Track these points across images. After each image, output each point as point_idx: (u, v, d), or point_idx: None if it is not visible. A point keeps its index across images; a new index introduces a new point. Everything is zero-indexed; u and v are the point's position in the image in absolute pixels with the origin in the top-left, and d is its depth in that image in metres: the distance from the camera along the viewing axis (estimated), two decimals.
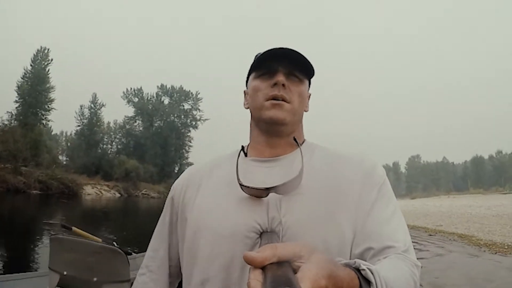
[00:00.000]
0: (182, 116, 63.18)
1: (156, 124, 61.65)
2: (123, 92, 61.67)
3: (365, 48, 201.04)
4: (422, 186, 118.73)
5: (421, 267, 0.66)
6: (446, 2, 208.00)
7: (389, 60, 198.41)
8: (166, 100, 64.04)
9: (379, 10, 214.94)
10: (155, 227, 0.88)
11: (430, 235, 11.55)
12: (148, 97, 62.93)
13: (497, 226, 12.46)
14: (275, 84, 0.75)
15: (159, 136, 59.15)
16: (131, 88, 62.32)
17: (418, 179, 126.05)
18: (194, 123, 63.56)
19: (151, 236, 0.88)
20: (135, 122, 61.44)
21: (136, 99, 61.66)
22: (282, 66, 0.76)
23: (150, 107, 61.63)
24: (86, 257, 1.50)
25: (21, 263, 6.20)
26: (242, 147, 0.84)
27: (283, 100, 0.75)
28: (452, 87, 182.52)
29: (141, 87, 62.88)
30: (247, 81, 0.85)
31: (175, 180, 0.88)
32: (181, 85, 64.87)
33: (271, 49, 0.76)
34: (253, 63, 0.80)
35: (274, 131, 0.78)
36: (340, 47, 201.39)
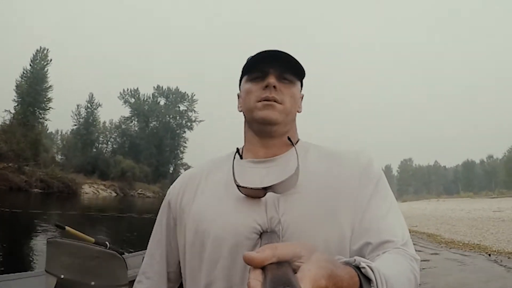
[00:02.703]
0: (178, 117, 63.61)
1: (151, 125, 62.07)
2: (120, 93, 62.29)
3: (357, 54, 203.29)
4: (413, 190, 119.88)
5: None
6: (430, 8, 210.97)
7: (382, 66, 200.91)
8: (162, 101, 64.53)
9: (372, 18, 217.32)
10: (151, 228, 0.86)
11: None
12: (144, 98, 63.42)
13: (465, 227, 13.71)
14: (267, 86, 0.75)
15: (154, 137, 59.60)
16: (127, 89, 62.95)
17: (409, 182, 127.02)
18: (189, 124, 64.14)
19: (147, 236, 0.87)
20: (131, 122, 61.87)
21: (132, 100, 62.05)
22: (273, 69, 0.76)
23: (146, 108, 62.04)
24: (84, 261, 1.50)
25: (17, 260, 6.27)
26: (237, 149, 0.84)
27: (275, 101, 0.75)
28: (445, 92, 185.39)
29: (137, 88, 63.55)
30: (240, 84, 0.85)
31: (171, 181, 0.87)
32: (177, 87, 65.58)
33: (262, 52, 0.75)
34: (244, 65, 0.80)
35: (267, 131, 0.78)
36: (333, 54, 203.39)
